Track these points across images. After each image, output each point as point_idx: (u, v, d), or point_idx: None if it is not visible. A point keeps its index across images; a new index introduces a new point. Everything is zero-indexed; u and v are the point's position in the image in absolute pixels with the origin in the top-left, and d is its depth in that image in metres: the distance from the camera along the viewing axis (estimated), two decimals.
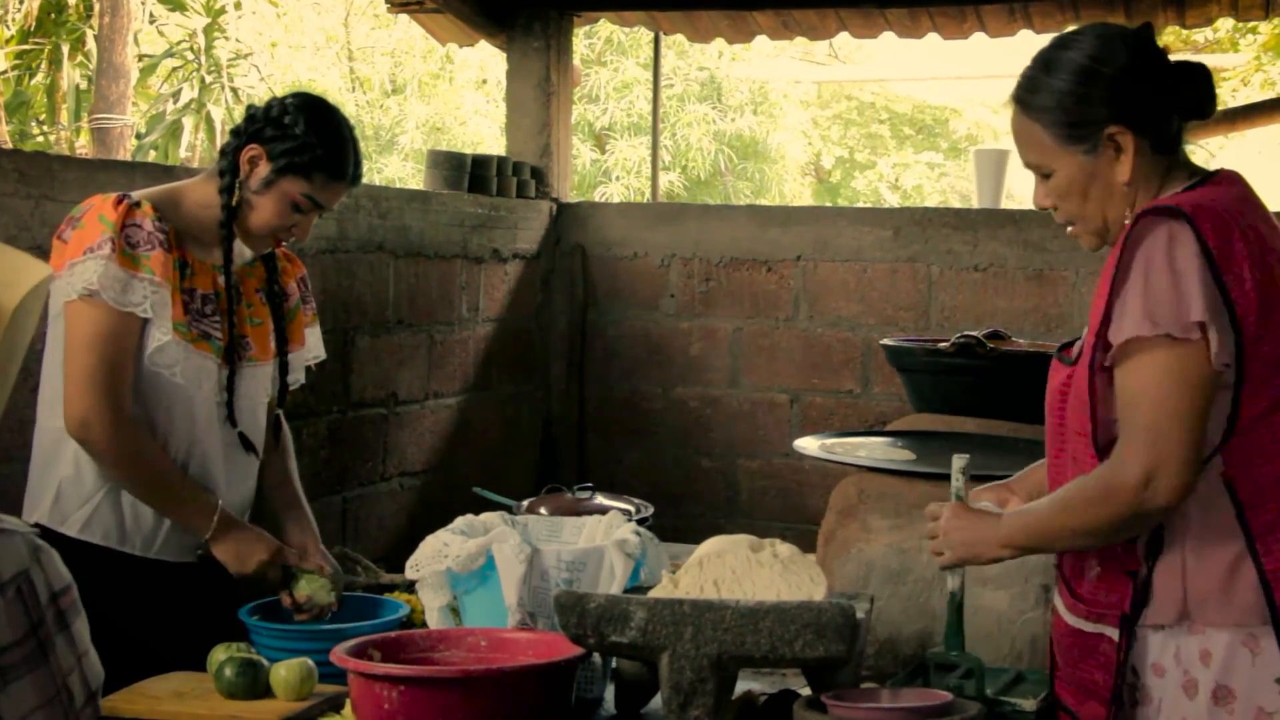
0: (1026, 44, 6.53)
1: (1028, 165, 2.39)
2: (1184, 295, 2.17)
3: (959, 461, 2.49)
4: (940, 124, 23.37)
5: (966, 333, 4.07)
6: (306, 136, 2.90)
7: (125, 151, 15.26)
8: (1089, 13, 5.92)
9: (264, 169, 2.92)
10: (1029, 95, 2.35)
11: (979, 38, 6.31)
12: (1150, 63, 2.32)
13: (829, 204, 19.45)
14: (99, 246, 2.77)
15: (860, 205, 17.75)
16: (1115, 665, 2.30)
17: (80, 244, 2.79)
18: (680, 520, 5.55)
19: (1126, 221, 2.30)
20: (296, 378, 3.18)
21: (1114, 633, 2.30)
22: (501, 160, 5.80)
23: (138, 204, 2.84)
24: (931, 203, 21.44)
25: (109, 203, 2.82)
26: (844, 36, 6.48)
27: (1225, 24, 10.58)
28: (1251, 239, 2.25)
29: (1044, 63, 2.35)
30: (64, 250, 2.82)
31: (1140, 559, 2.27)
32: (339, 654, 2.26)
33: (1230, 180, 2.35)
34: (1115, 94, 2.29)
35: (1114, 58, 2.29)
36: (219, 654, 2.60)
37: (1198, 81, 2.32)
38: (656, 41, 7.07)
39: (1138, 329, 2.18)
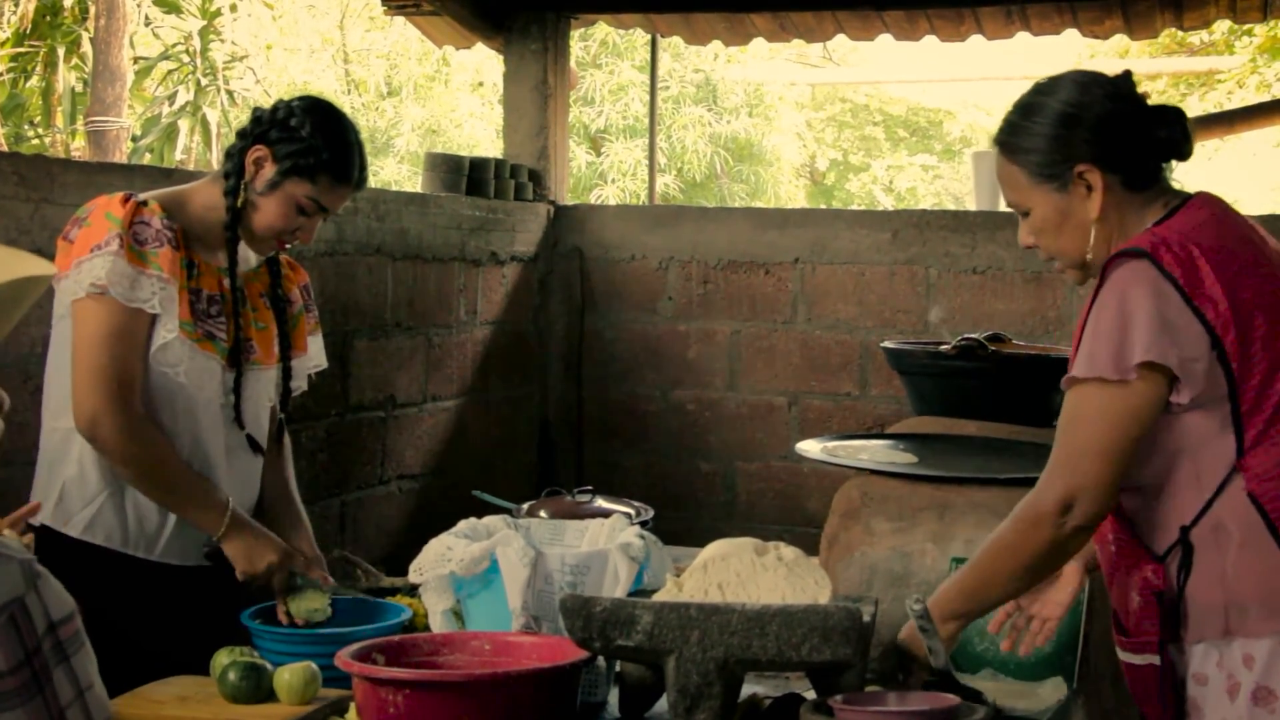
0: (1021, 46, 6.54)
1: (1009, 204, 2.48)
2: (1127, 337, 2.25)
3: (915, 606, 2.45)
4: (934, 126, 23.42)
5: (967, 335, 4.07)
6: (312, 139, 2.90)
7: (121, 154, 15.24)
8: (1086, 15, 5.92)
9: (269, 171, 2.91)
10: (1010, 139, 2.44)
11: (976, 40, 6.31)
12: (1127, 108, 2.40)
13: (826, 206, 19.48)
14: (107, 243, 2.77)
15: (858, 208, 17.75)
16: (1158, 694, 2.34)
17: (87, 242, 2.79)
18: (678, 523, 5.53)
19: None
20: (299, 384, 3.18)
21: (1158, 659, 2.34)
22: (499, 163, 5.80)
23: (145, 203, 2.84)
24: (925, 205, 21.47)
25: (115, 201, 2.82)
26: (840, 39, 6.47)
27: (1221, 26, 10.59)
28: (1219, 259, 2.30)
29: (1024, 108, 2.45)
30: (70, 249, 2.82)
31: (1164, 579, 2.32)
32: (344, 658, 2.25)
33: (1200, 204, 2.41)
34: (1091, 139, 2.37)
35: (1092, 104, 2.38)
36: (222, 658, 2.59)
37: (1173, 125, 2.41)
38: (654, 44, 7.06)
39: (1077, 370, 2.31)
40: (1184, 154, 2.43)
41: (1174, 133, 2.41)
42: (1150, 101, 2.44)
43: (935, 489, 2.94)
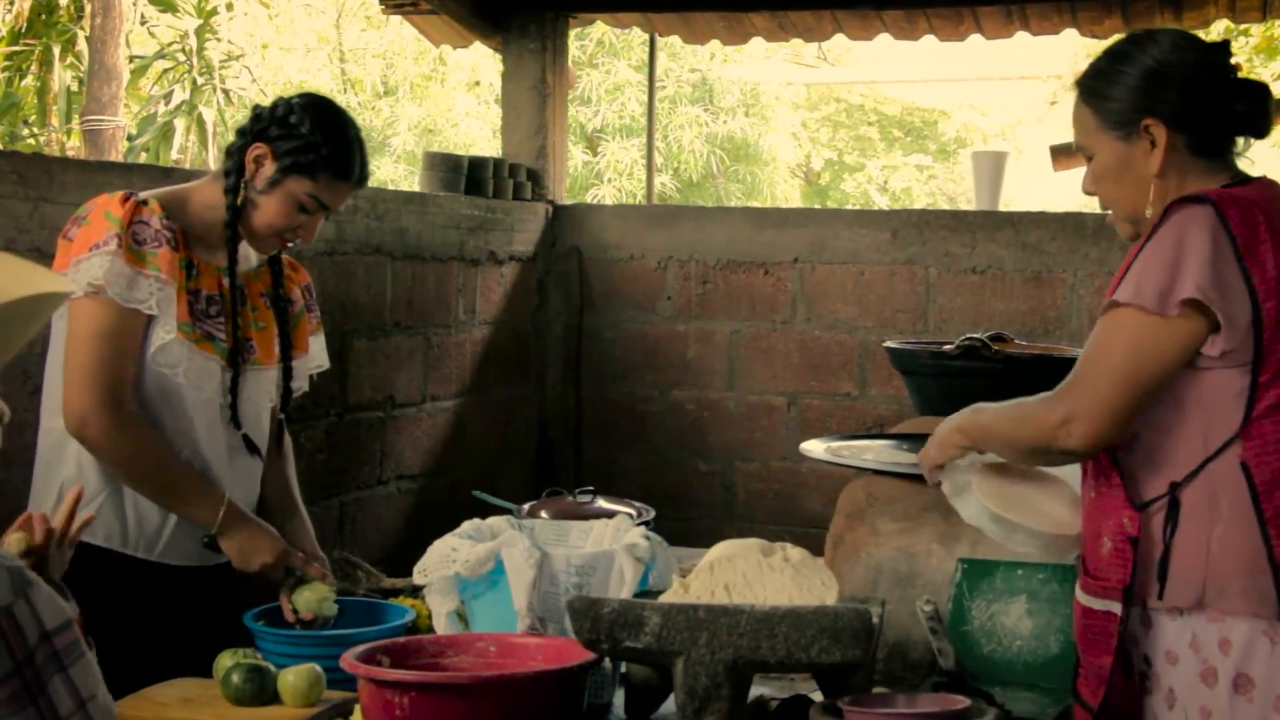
0: (1017, 45, 6.52)
1: (1077, 148, 2.51)
2: (1178, 273, 2.26)
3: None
4: (929, 126, 23.43)
5: (970, 335, 4.05)
6: (312, 136, 2.89)
7: (116, 153, 15.20)
8: (1086, 15, 5.91)
9: (269, 168, 2.90)
10: (1092, 82, 2.46)
11: (974, 40, 6.29)
12: (1214, 76, 2.40)
13: (824, 206, 19.46)
14: (105, 242, 2.76)
15: (858, 208, 17.75)
16: (1116, 641, 2.34)
17: (86, 241, 2.78)
18: (677, 523, 5.52)
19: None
20: (300, 385, 3.16)
21: (1119, 608, 2.34)
22: (498, 162, 5.78)
23: (145, 202, 2.83)
24: (920, 204, 21.46)
25: (115, 200, 2.81)
26: (838, 38, 6.45)
27: (1216, 27, 10.57)
28: (1278, 232, 2.31)
29: (1115, 55, 2.45)
30: (69, 248, 2.80)
31: (1139, 528, 2.33)
32: (349, 660, 2.24)
33: (1268, 184, 2.42)
34: (1171, 98, 2.38)
35: (1182, 65, 2.39)
36: (225, 660, 2.58)
37: (1255, 100, 2.41)
38: (652, 43, 7.04)
39: (1119, 294, 2.31)
40: (1260, 131, 2.43)
41: (1253, 108, 2.41)
42: (1240, 74, 2.45)
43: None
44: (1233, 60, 2.44)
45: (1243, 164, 2.48)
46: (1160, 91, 2.38)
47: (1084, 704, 2.42)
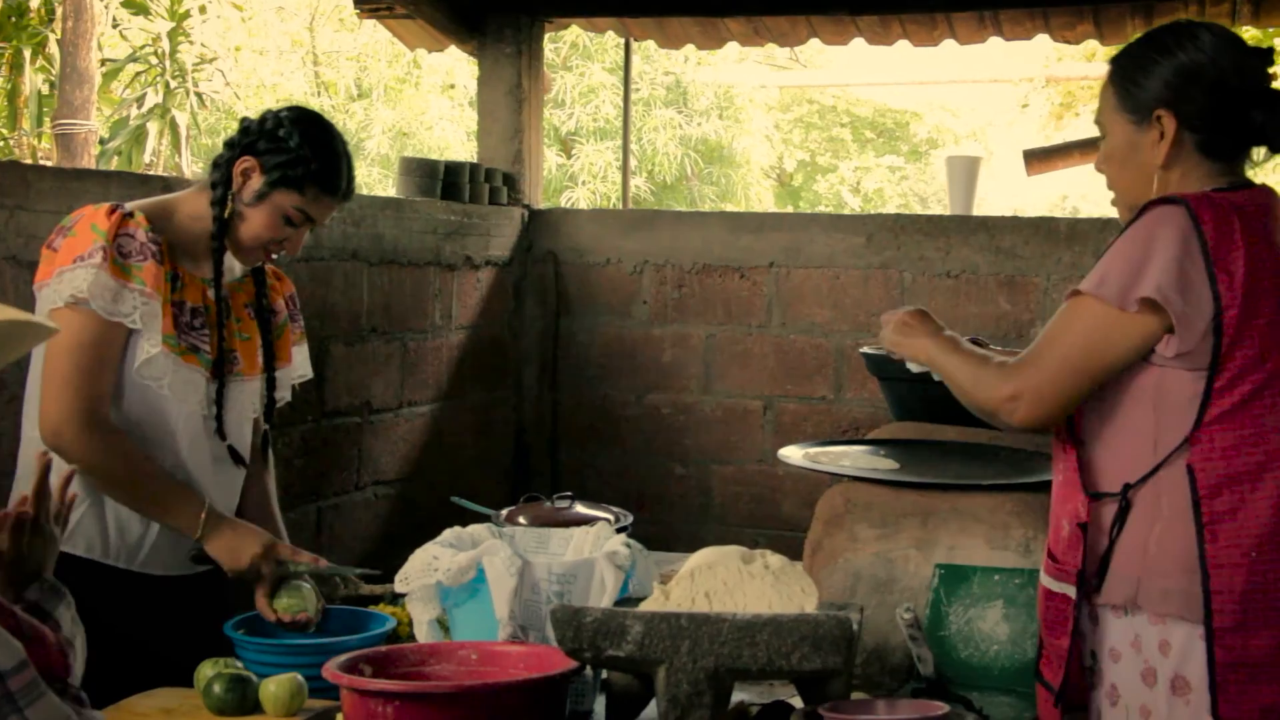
0: (990, 49, 6.56)
1: (1095, 122, 2.54)
2: (1142, 271, 2.30)
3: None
4: (901, 128, 23.52)
5: None
6: (300, 150, 2.89)
7: (89, 157, 15.13)
8: (1058, 20, 5.95)
9: (257, 181, 2.90)
10: (1126, 62, 2.47)
11: (948, 44, 6.32)
12: (1244, 82, 2.39)
13: (799, 210, 19.51)
14: (90, 255, 2.75)
15: (833, 212, 17.79)
16: (1071, 624, 2.38)
17: (71, 252, 2.77)
18: (653, 527, 5.53)
19: None
20: (283, 395, 3.17)
21: (1074, 591, 2.39)
22: (474, 167, 5.78)
23: (131, 214, 2.83)
24: (892, 205, 21.53)
25: (101, 212, 2.81)
26: (811, 43, 6.47)
27: None
28: (1255, 239, 2.33)
29: (1154, 43, 2.44)
30: (54, 258, 2.80)
31: (1090, 514, 2.39)
32: (332, 670, 2.24)
33: (1262, 193, 2.44)
34: (1194, 94, 2.38)
35: (1215, 68, 2.38)
36: (207, 669, 2.58)
37: (1272, 112, 2.40)
38: (627, 48, 7.05)
39: (1084, 285, 2.36)
40: (1274, 143, 2.43)
41: (1269, 120, 2.41)
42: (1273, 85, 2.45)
43: (918, 495, 2.94)
44: (1271, 70, 2.43)
45: (1261, 176, 2.49)
46: (1185, 88, 2.39)
47: (1046, 684, 2.47)
